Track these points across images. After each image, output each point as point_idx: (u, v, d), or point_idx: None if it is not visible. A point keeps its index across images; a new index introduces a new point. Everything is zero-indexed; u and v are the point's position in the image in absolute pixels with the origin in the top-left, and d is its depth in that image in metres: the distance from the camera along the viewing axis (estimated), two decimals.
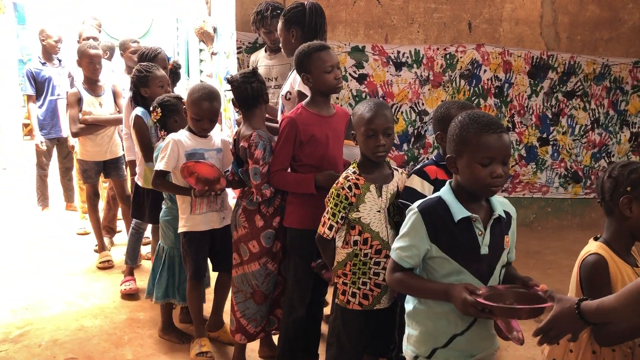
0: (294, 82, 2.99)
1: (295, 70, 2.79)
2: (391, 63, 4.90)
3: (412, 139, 5.07)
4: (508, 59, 5.21)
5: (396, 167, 2.41)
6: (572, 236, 5.25)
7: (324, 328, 3.07)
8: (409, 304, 1.81)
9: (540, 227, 5.45)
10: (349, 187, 2.24)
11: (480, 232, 1.67)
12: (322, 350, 2.99)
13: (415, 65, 4.96)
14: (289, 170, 2.67)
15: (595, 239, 1.84)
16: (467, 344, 1.71)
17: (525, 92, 5.32)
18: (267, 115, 3.11)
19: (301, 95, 2.88)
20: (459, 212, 1.65)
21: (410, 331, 1.79)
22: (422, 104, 5.05)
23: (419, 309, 1.77)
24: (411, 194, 2.23)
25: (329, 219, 2.28)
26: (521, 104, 5.32)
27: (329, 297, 3.03)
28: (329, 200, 2.30)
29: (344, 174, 2.30)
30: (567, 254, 4.79)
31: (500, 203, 1.75)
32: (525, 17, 5.23)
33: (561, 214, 5.59)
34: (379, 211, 2.27)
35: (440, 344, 1.71)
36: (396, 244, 1.75)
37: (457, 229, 1.66)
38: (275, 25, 3.41)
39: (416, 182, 2.26)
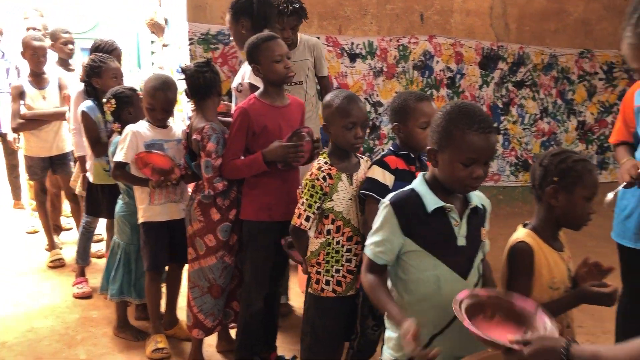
0: (244, 73, 2.97)
1: (246, 62, 2.77)
2: (345, 54, 4.91)
3: (368, 130, 5.09)
4: (459, 50, 5.29)
5: (361, 156, 2.43)
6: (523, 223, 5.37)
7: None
8: None
9: (492, 215, 5.52)
10: (324, 178, 2.26)
11: (456, 223, 1.59)
12: (279, 342, 3.00)
13: (369, 57, 4.98)
14: None
15: (524, 225, 1.88)
16: (448, 343, 1.61)
17: (477, 82, 5.42)
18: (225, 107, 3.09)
19: (252, 87, 2.86)
20: (433, 202, 1.57)
21: (389, 334, 1.71)
22: (377, 95, 5.08)
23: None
24: (373, 184, 2.24)
25: (305, 210, 2.28)
26: (472, 95, 5.42)
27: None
28: (304, 192, 2.30)
29: (316, 165, 2.31)
30: None
31: (477, 196, 1.67)
32: (476, 9, 5.32)
33: (512, 201, 5.73)
34: (350, 199, 2.30)
35: (419, 346, 1.57)
36: (369, 239, 1.66)
37: (431, 219, 1.57)
38: (291, 22, 3.34)
39: (377, 173, 2.27)
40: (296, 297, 3.55)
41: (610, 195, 2.49)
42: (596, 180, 1.78)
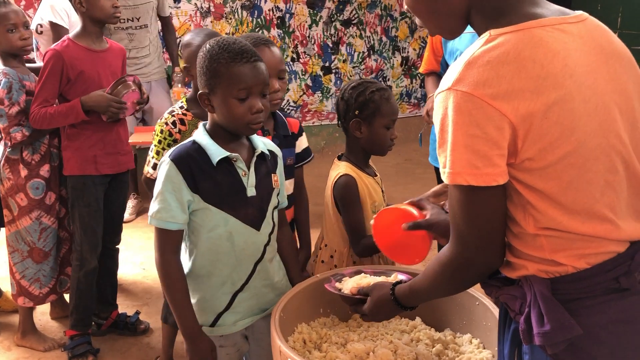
0: (44, 12, 2.68)
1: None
2: None
3: None
4: None
5: None
6: None
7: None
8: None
9: (330, 152, 5.78)
10: (173, 123, 2.04)
11: (244, 173, 1.51)
12: (122, 299, 2.88)
13: None
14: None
15: (339, 157, 1.95)
16: (252, 299, 1.58)
17: (306, 22, 5.45)
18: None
19: (54, 27, 2.60)
20: (217, 153, 1.47)
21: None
22: None
23: (193, 274, 1.55)
24: None
25: (152, 157, 2.08)
26: (303, 34, 5.46)
27: None
28: (153, 137, 2.10)
29: (169, 109, 2.11)
30: None
31: (264, 143, 1.61)
32: None
33: None
34: None
35: (222, 307, 1.56)
36: (153, 207, 1.46)
37: (218, 172, 1.47)
38: None
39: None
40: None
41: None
42: (394, 107, 1.87)
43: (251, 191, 1.53)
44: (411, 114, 6.43)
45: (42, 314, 2.86)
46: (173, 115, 2.07)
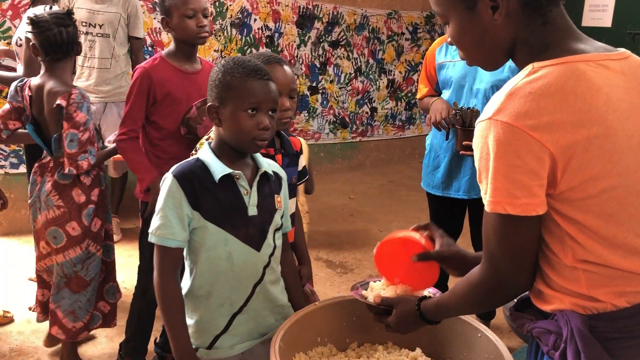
0: (22, 27, 2.61)
1: (27, 12, 2.42)
2: (157, 9, 4.60)
3: None
4: (277, 8, 5.26)
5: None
6: (343, 177, 5.66)
7: None
8: (182, 290, 1.55)
9: (315, 172, 5.72)
10: None
11: (246, 192, 1.49)
12: None
13: None
14: (139, 135, 2.30)
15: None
16: (250, 322, 1.55)
17: (295, 42, 5.46)
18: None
19: (28, 42, 2.50)
20: (219, 169, 1.46)
21: (187, 320, 1.54)
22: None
23: (192, 295, 1.52)
24: None
25: None
26: (292, 54, 5.46)
27: None
28: (198, 150, 2.01)
29: (213, 128, 2.02)
30: (338, 194, 5.17)
31: (269, 164, 1.59)
32: None
33: (333, 158, 5.96)
34: None
35: (220, 329, 1.52)
36: (154, 223, 1.44)
37: (219, 189, 1.46)
38: None
39: None
40: None
41: None
42: None
43: (252, 210, 1.50)
44: (395, 135, 6.46)
45: (19, 333, 2.75)
46: None
